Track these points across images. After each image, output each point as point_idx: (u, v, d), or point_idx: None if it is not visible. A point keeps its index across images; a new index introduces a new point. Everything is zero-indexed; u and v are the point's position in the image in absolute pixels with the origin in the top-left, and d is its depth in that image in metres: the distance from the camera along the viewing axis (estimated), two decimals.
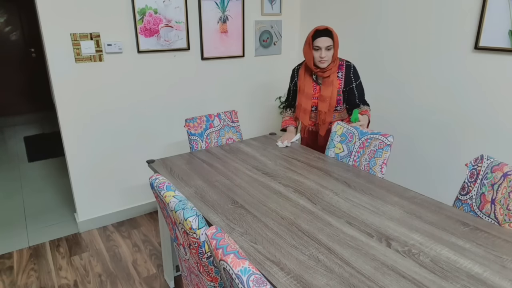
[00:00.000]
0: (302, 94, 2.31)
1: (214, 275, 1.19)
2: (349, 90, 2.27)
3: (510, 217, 1.49)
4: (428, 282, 1.10)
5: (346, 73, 2.25)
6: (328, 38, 2.10)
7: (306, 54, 2.21)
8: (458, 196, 1.71)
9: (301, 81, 2.32)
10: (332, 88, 2.22)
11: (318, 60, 2.15)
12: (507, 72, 2.10)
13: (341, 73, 2.25)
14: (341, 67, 2.25)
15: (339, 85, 2.25)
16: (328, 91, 2.22)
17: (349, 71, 2.25)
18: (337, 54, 2.19)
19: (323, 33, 2.11)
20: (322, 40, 2.10)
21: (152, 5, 2.61)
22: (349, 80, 2.25)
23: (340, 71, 2.25)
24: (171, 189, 1.29)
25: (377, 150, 1.97)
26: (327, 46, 2.10)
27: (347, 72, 2.25)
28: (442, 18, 2.35)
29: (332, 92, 2.22)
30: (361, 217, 1.48)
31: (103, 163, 2.76)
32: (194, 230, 1.13)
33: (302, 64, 2.35)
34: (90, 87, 2.56)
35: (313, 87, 2.29)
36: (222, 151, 2.23)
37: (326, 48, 2.11)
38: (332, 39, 2.11)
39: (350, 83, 2.25)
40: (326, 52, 2.12)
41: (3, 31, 5.43)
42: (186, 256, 1.34)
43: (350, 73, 2.25)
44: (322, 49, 2.11)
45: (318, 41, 2.11)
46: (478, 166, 1.67)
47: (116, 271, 2.37)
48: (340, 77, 2.25)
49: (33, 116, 5.98)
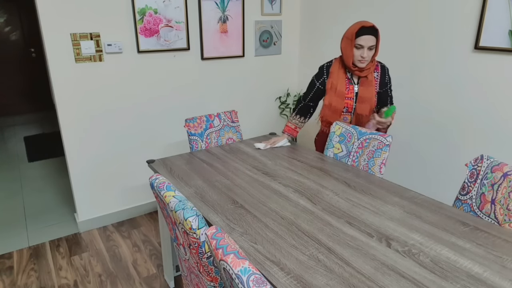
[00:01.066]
0: (334, 92, 2.12)
1: (214, 275, 1.19)
2: (383, 92, 2.12)
3: (510, 217, 1.49)
4: (428, 282, 1.10)
5: (381, 74, 2.10)
6: (373, 37, 1.93)
7: (345, 50, 2.02)
8: (458, 196, 1.71)
9: (333, 79, 2.12)
10: (372, 89, 2.07)
11: (358, 59, 1.98)
12: (507, 72, 2.10)
13: (377, 74, 2.10)
14: (377, 67, 2.10)
15: (375, 85, 2.11)
16: (369, 92, 2.06)
17: (385, 72, 2.11)
18: (377, 55, 2.03)
19: (369, 30, 1.92)
20: (366, 39, 1.92)
21: (152, 5, 2.61)
22: (384, 82, 2.11)
23: (376, 71, 2.10)
24: (171, 189, 1.29)
25: (376, 150, 1.97)
26: (370, 45, 1.94)
27: (382, 73, 2.10)
28: (442, 18, 2.35)
29: (372, 93, 2.07)
30: (361, 217, 1.48)
31: (103, 163, 2.76)
32: (194, 230, 1.13)
33: (331, 62, 2.18)
34: (90, 87, 2.57)
35: (346, 86, 2.11)
36: (222, 151, 2.23)
37: (369, 47, 1.94)
38: (376, 38, 1.94)
39: (385, 85, 2.12)
40: (368, 52, 1.95)
41: (3, 31, 5.43)
42: (186, 256, 1.34)
43: (386, 75, 2.11)
44: (364, 48, 1.94)
45: (361, 39, 1.93)
46: (478, 166, 1.67)
47: (116, 271, 2.37)
48: (376, 77, 2.10)
49: (33, 116, 5.98)
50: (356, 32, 1.94)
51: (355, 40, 1.95)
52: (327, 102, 2.18)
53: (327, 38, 3.22)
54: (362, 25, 1.93)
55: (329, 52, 3.23)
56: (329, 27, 3.18)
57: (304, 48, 3.51)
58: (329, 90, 2.15)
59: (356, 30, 1.94)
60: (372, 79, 2.06)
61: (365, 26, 1.92)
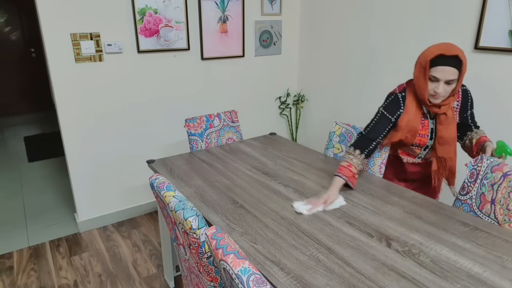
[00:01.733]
0: (408, 130, 1.71)
1: (214, 275, 1.19)
2: (463, 119, 1.72)
3: (510, 217, 1.49)
4: (428, 282, 1.10)
5: (462, 101, 1.68)
6: (454, 69, 1.47)
7: (418, 80, 1.58)
8: (458, 196, 1.71)
9: (410, 115, 1.68)
10: (454, 127, 1.65)
11: (431, 93, 1.56)
12: (507, 72, 2.10)
13: (457, 103, 1.67)
14: (457, 94, 1.65)
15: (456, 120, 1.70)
16: (449, 131, 1.64)
17: (467, 98, 1.69)
18: (459, 87, 1.56)
19: (450, 61, 1.45)
20: (445, 71, 1.47)
21: (152, 5, 2.61)
22: (465, 109, 1.70)
23: (456, 101, 1.67)
24: (171, 189, 1.29)
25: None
26: (449, 80, 1.49)
27: (463, 100, 1.68)
28: (442, 18, 2.35)
29: (454, 132, 1.66)
30: (361, 217, 1.48)
31: (103, 163, 2.76)
32: (194, 230, 1.13)
33: (405, 91, 1.70)
34: (90, 87, 2.56)
35: (421, 122, 1.70)
36: (222, 151, 2.23)
37: (447, 82, 1.50)
38: (459, 70, 1.48)
39: (465, 111, 1.71)
40: (445, 87, 1.51)
41: (3, 31, 5.43)
42: (186, 256, 1.34)
43: (468, 100, 1.69)
44: (440, 82, 1.50)
45: (438, 70, 1.48)
46: (478, 166, 1.66)
47: (116, 271, 2.37)
48: (456, 107, 1.67)
49: (33, 116, 5.98)
50: (431, 60, 1.50)
51: (430, 70, 1.51)
52: (396, 140, 1.75)
53: (327, 38, 3.22)
54: (442, 53, 1.47)
55: (329, 52, 3.23)
56: (329, 27, 3.18)
57: (304, 48, 3.51)
58: (402, 128, 1.71)
59: (432, 57, 1.49)
60: (452, 115, 1.63)
61: (445, 54, 1.46)
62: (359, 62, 2.98)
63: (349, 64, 3.07)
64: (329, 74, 3.29)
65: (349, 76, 3.11)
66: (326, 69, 3.31)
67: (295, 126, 3.73)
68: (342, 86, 3.20)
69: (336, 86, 3.26)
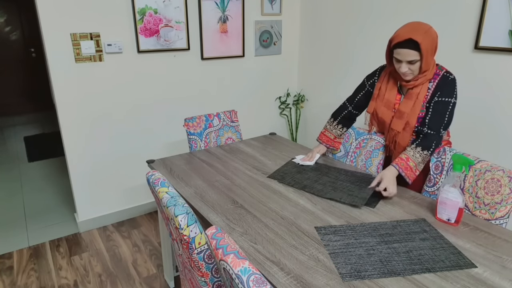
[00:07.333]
0: (381, 100, 1.80)
1: (204, 270, 1.19)
2: (428, 107, 1.69)
3: (480, 204, 1.57)
4: (428, 282, 1.10)
5: (437, 85, 1.66)
6: (413, 51, 1.55)
7: (387, 58, 1.72)
8: (425, 188, 1.78)
9: (382, 83, 1.80)
10: (414, 103, 1.69)
11: (399, 72, 1.66)
12: (507, 72, 2.10)
13: (432, 84, 1.68)
14: (436, 77, 1.67)
15: (425, 98, 1.68)
16: (407, 106, 1.70)
17: (445, 84, 1.65)
18: (429, 63, 1.61)
19: (405, 44, 1.55)
20: (402, 53, 1.58)
21: (152, 5, 2.61)
22: (436, 93, 1.66)
23: (432, 81, 1.68)
24: (165, 185, 1.30)
25: (373, 150, 1.97)
26: (410, 60, 1.58)
27: (440, 85, 1.66)
28: (442, 18, 2.35)
29: (412, 108, 1.69)
30: (361, 217, 1.48)
31: (103, 163, 2.76)
32: (183, 228, 1.13)
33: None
34: (90, 87, 2.56)
35: (396, 95, 1.77)
36: (222, 151, 2.23)
37: (409, 62, 1.59)
38: (419, 51, 1.55)
39: (435, 96, 1.67)
40: (409, 66, 1.60)
41: (3, 31, 5.43)
42: (179, 251, 1.34)
43: (444, 85, 1.65)
44: (403, 62, 1.60)
45: (397, 52, 1.60)
46: (442, 158, 1.73)
47: (116, 271, 2.37)
48: (430, 88, 1.68)
49: (33, 116, 5.98)
50: (392, 43, 1.61)
51: (393, 52, 1.63)
52: (370, 110, 1.85)
53: (327, 38, 3.22)
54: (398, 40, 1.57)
55: (329, 52, 3.23)
56: (329, 27, 3.18)
57: (304, 48, 3.51)
58: (376, 97, 1.83)
59: (392, 40, 1.61)
60: (418, 92, 1.67)
61: (399, 40, 1.56)
62: (359, 62, 2.98)
63: (349, 64, 3.07)
64: (329, 74, 3.29)
65: (349, 76, 3.11)
66: (326, 69, 3.31)
67: (295, 126, 3.73)
68: (342, 86, 3.20)
69: (336, 86, 3.26)
